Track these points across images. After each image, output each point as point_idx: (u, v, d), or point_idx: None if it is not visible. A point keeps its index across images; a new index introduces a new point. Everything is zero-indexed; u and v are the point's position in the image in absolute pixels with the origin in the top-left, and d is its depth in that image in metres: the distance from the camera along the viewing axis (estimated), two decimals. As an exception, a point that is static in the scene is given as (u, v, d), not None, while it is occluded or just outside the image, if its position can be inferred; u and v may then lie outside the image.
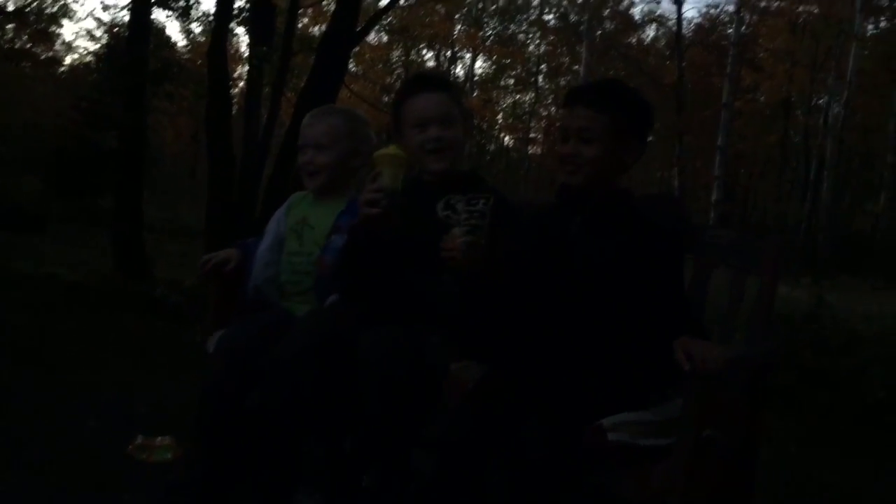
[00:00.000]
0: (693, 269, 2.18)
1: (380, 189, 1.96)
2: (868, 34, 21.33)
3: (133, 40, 7.76)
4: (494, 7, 29.20)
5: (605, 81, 2.14)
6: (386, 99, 26.15)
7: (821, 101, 23.78)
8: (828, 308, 7.01)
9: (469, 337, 2.01)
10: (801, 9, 23.84)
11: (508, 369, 1.90)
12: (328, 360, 1.98)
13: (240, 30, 12.24)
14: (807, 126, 24.38)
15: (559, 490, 1.72)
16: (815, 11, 23.00)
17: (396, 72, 29.09)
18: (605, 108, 1.97)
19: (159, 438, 2.51)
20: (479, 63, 29.85)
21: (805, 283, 11.55)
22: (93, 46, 22.46)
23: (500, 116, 30.77)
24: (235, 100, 16.46)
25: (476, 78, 28.29)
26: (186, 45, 23.99)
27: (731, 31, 22.91)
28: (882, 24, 22.42)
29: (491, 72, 29.77)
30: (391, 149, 2.02)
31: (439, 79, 2.26)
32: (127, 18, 8.46)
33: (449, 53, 28.95)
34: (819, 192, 21.08)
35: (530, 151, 33.19)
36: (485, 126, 28.94)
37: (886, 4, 20.89)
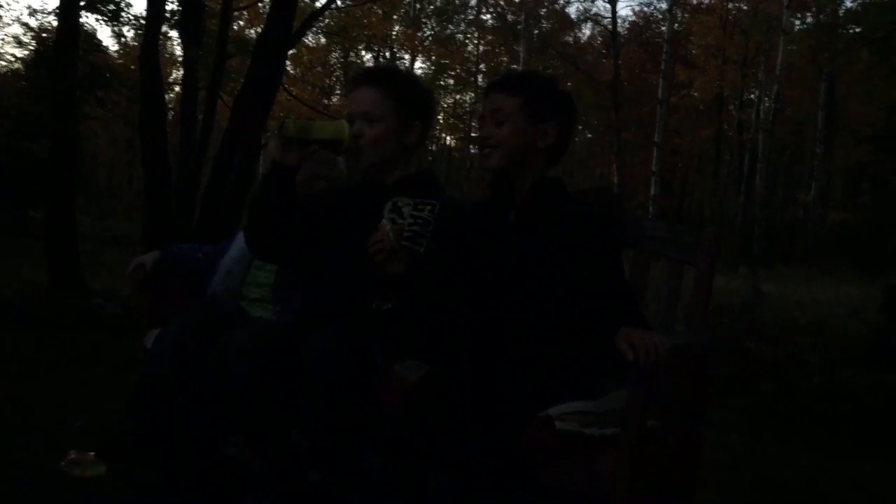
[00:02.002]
0: (631, 262, 2.20)
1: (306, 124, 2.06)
2: (796, 29, 21.95)
3: (61, 45, 7.51)
4: (432, 7, 29.21)
5: (522, 71, 2.19)
6: (326, 102, 25.95)
7: (752, 96, 24.37)
8: (764, 297, 7.18)
9: (412, 336, 2.00)
10: (731, 5, 24.43)
11: (450, 367, 1.88)
12: (272, 359, 1.98)
13: (173, 33, 11.98)
14: (739, 121, 24.94)
15: (503, 491, 1.71)
16: (745, 8, 23.59)
17: (335, 74, 28.87)
18: (516, 91, 2.02)
19: (93, 453, 2.43)
20: (418, 63, 29.79)
21: (742, 273, 11.82)
22: (21, 53, 21.70)
23: (440, 116, 30.78)
24: (171, 105, 16.16)
25: (416, 78, 28.17)
26: (118, 50, 23.40)
27: (664, 28, 23.38)
28: (809, 20, 23.10)
29: (430, 72, 29.77)
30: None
31: (376, 73, 2.23)
32: (55, 23, 8.18)
33: (388, 54, 28.84)
34: (753, 185, 21.63)
35: (472, 151, 33.31)
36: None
37: None
